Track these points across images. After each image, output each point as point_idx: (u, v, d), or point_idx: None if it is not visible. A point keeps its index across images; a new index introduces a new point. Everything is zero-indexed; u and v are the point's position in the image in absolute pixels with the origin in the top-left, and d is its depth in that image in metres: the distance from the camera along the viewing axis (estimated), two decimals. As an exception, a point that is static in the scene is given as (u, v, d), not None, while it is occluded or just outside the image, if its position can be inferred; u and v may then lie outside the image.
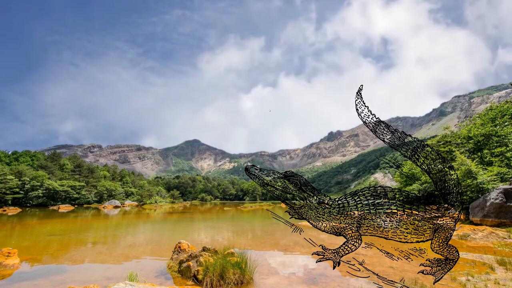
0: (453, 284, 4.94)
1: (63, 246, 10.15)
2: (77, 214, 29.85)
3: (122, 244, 10.74)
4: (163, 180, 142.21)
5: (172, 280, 5.64)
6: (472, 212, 12.45)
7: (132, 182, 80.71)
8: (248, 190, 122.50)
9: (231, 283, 4.97)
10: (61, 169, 64.91)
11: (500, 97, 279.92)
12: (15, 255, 7.06)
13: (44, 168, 58.61)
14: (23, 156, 65.75)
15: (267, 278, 5.67)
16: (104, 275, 6.22)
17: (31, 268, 6.90)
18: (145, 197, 63.86)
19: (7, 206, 42.89)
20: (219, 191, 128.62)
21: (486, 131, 16.94)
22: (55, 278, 6.00)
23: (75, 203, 54.92)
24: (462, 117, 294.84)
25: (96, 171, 73.53)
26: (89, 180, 64.41)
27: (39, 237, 12.56)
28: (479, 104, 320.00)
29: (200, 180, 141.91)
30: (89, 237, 12.78)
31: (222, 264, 5.21)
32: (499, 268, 5.88)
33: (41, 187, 49.97)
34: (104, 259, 8.07)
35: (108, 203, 52.68)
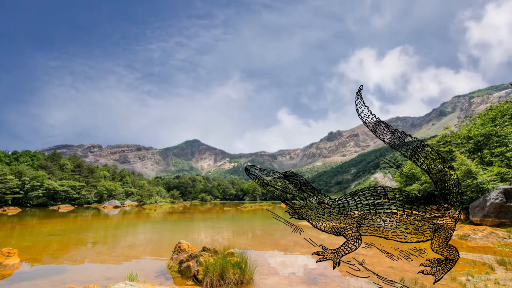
0: (453, 284, 4.94)
1: (63, 246, 10.14)
2: (77, 214, 29.85)
3: (122, 244, 10.74)
4: (163, 180, 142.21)
5: (172, 280, 5.64)
6: (472, 212, 12.45)
7: (132, 182, 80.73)
8: (248, 190, 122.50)
9: (231, 283, 4.96)
10: (61, 169, 64.93)
11: (500, 97, 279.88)
12: (15, 255, 7.06)
13: (44, 168, 58.62)
14: (23, 156, 65.78)
15: (267, 278, 5.67)
16: (104, 275, 6.22)
17: (31, 268, 6.90)
18: (145, 197, 63.87)
19: (7, 206, 42.89)
20: (219, 191, 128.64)
21: (486, 131, 16.94)
22: (55, 278, 6.00)
23: (75, 203, 54.93)
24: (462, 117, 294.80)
25: (96, 171, 73.55)
26: (89, 180, 64.42)
27: (39, 237, 12.55)
28: (479, 104, 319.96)
29: (200, 180, 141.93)
30: (89, 237, 12.78)
31: (222, 264, 5.21)
32: (499, 268, 5.88)
33: (41, 187, 49.98)
34: (104, 259, 8.06)
35: (108, 203, 52.68)
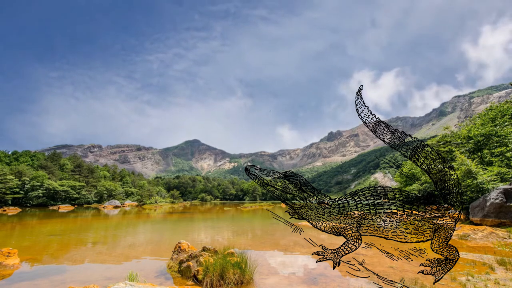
0: (453, 284, 4.94)
1: (63, 246, 10.14)
2: (77, 214, 29.85)
3: (122, 244, 10.74)
4: (163, 180, 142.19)
5: (172, 280, 5.64)
6: (472, 212, 12.44)
7: (132, 182, 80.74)
8: (248, 190, 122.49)
9: (231, 283, 4.96)
10: (61, 169, 64.93)
11: (500, 97, 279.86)
12: (15, 255, 7.06)
13: (44, 168, 58.62)
14: (23, 156, 65.80)
15: (267, 278, 5.67)
16: (104, 275, 6.22)
17: (31, 268, 6.90)
18: (145, 197, 63.86)
19: (7, 206, 42.89)
20: (219, 191, 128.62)
21: (486, 131, 16.94)
22: (55, 278, 6.00)
23: (75, 203, 54.92)
24: (462, 117, 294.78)
25: (96, 171, 73.55)
26: (89, 180, 64.42)
27: (39, 237, 12.55)
28: (479, 104, 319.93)
29: (200, 180, 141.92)
30: (89, 237, 12.78)
31: (222, 264, 5.21)
32: (499, 268, 5.88)
33: (41, 187, 49.97)
34: (104, 259, 8.06)
35: (108, 203, 52.67)
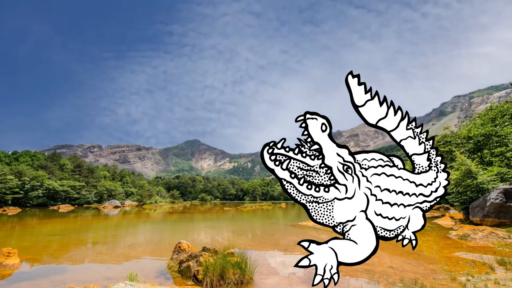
0: (453, 284, 4.93)
1: (63, 246, 10.14)
2: (77, 214, 29.85)
3: (122, 244, 10.74)
4: (163, 180, 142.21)
5: (172, 280, 5.63)
6: (472, 212, 12.44)
7: (132, 182, 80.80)
8: (248, 190, 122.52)
9: (231, 283, 4.96)
10: (61, 169, 64.96)
11: (500, 97, 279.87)
12: (15, 255, 7.06)
13: (44, 168, 58.65)
14: (23, 156, 65.85)
15: (267, 278, 5.66)
16: (104, 275, 6.21)
17: (31, 268, 6.90)
18: (145, 197, 63.87)
19: (7, 206, 42.90)
20: (219, 191, 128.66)
21: (486, 131, 16.94)
22: (55, 278, 6.00)
23: (75, 203, 54.94)
24: (462, 117, 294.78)
25: (96, 171, 73.59)
26: (89, 180, 64.43)
27: (39, 237, 12.55)
28: (479, 104, 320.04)
29: (200, 180, 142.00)
30: (89, 237, 12.78)
31: (222, 264, 5.21)
32: (499, 268, 5.87)
33: (41, 187, 49.98)
34: (104, 259, 8.06)
35: (108, 203, 52.69)
